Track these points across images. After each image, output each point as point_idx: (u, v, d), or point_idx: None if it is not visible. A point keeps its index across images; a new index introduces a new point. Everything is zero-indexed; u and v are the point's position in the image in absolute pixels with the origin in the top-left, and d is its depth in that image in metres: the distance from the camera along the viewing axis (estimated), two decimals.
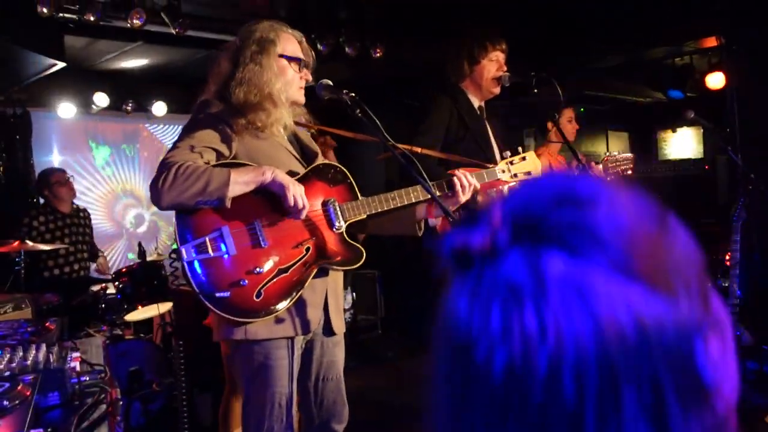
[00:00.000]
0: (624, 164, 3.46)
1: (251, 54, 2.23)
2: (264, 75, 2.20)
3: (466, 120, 3.18)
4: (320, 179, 2.28)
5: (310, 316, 2.21)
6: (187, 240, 2.07)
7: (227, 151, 2.17)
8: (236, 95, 2.19)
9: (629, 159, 3.49)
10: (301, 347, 2.27)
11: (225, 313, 2.07)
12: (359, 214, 2.28)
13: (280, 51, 2.26)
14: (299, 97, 2.33)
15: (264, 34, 2.26)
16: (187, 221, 2.09)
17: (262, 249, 2.12)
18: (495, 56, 3.23)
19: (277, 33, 2.28)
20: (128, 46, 5.01)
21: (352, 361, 5.86)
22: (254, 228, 2.13)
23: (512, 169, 2.57)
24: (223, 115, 2.19)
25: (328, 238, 2.23)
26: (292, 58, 2.29)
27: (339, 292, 2.37)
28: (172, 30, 4.24)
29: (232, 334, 2.13)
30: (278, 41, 2.26)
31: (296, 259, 2.16)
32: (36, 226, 5.08)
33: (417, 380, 1.00)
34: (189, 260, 2.06)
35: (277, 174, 2.10)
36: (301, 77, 2.32)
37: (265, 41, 2.25)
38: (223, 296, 2.05)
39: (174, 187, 2.02)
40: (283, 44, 2.27)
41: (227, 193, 2.03)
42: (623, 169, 3.46)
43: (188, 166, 2.04)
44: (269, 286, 2.11)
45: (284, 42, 2.28)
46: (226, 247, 2.08)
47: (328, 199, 2.25)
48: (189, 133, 2.17)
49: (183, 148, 2.11)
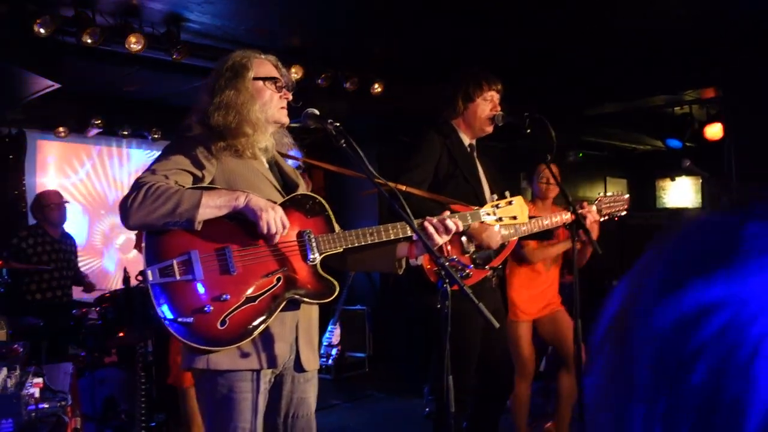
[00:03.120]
0: (618, 205, 3.39)
1: (225, 81, 2.23)
2: (240, 97, 2.19)
3: (456, 157, 3.15)
4: (298, 210, 2.23)
5: (277, 350, 2.13)
6: (152, 261, 2.02)
7: (203, 174, 2.13)
8: (215, 119, 2.17)
9: (623, 200, 3.41)
10: (269, 381, 2.19)
11: (186, 340, 2.00)
12: (335, 247, 2.22)
13: (254, 74, 2.26)
14: (281, 116, 2.30)
15: (236, 60, 2.28)
16: (155, 242, 2.04)
17: (230, 276, 2.06)
18: (490, 96, 3.22)
19: (249, 58, 2.29)
20: (127, 70, 5.02)
21: (335, 398, 5.84)
22: (224, 254, 2.07)
23: (498, 213, 2.52)
24: (202, 139, 2.17)
25: (300, 269, 2.17)
26: (266, 78, 2.28)
27: (312, 327, 2.30)
28: (170, 56, 4.25)
29: (194, 362, 2.06)
30: (251, 65, 2.27)
31: (266, 289, 2.10)
32: (24, 247, 5.04)
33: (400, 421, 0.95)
34: (153, 282, 2.00)
35: (251, 199, 2.06)
36: (281, 96, 2.30)
37: (237, 66, 2.25)
38: (186, 321, 1.99)
39: (142, 207, 1.97)
40: (256, 68, 2.28)
41: (197, 215, 1.98)
42: (617, 210, 3.39)
43: (159, 186, 2.00)
44: (235, 315, 2.04)
45: (257, 66, 2.29)
46: (193, 272, 2.02)
47: (304, 231, 2.20)
48: (166, 155, 2.14)
49: (157, 170, 2.08)
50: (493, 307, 3.26)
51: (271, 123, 2.28)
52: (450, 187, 3.11)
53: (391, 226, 2.27)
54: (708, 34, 4.92)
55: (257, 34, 4.59)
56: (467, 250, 3.03)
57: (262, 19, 4.35)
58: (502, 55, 5.32)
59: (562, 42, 5.14)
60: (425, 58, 5.34)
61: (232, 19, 4.22)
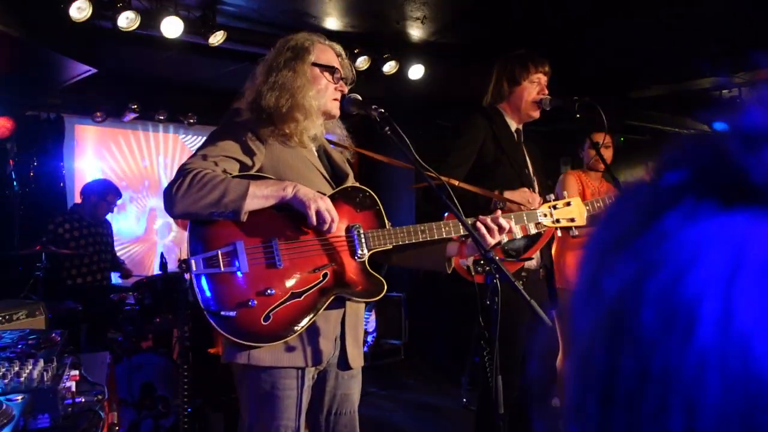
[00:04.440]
0: None
1: (285, 60, 2.15)
2: (297, 81, 2.11)
3: (501, 142, 3.02)
4: (347, 203, 2.14)
5: (321, 347, 2.06)
6: (197, 251, 1.95)
7: (251, 162, 2.06)
8: (267, 99, 2.10)
9: None
10: (312, 378, 2.12)
11: (228, 334, 1.93)
12: (384, 243, 2.13)
13: (314, 59, 2.18)
14: (333, 108, 2.21)
15: (299, 42, 2.20)
16: (201, 232, 1.98)
17: (276, 270, 1.99)
18: (537, 78, 3.08)
19: (313, 42, 2.21)
20: (163, 55, 4.97)
21: (371, 386, 5.79)
22: (271, 246, 1.99)
23: (555, 214, 2.40)
24: (251, 125, 2.09)
25: (348, 266, 2.09)
26: (326, 66, 2.19)
27: (358, 324, 2.22)
28: (206, 40, 4.18)
29: (235, 357, 2.00)
30: (313, 50, 2.19)
31: (312, 285, 2.02)
32: (61, 233, 5.07)
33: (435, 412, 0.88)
34: (197, 273, 1.94)
35: (299, 189, 1.98)
36: (336, 88, 2.21)
37: (299, 49, 2.18)
38: (229, 315, 1.92)
39: (188, 195, 1.90)
40: (317, 53, 2.19)
41: (243, 207, 1.91)
42: None
43: (205, 174, 1.93)
44: (279, 310, 1.97)
45: (319, 51, 2.20)
46: (239, 264, 1.95)
47: (353, 225, 2.11)
48: (213, 141, 2.07)
49: (204, 156, 2.01)
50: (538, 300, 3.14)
51: (321, 113, 2.19)
52: (498, 175, 2.99)
53: (444, 224, 2.17)
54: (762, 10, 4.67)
55: (293, 15, 4.49)
56: None
57: (299, 1, 4.25)
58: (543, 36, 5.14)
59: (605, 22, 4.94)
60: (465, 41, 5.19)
61: (268, 0, 4.12)
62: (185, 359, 4.20)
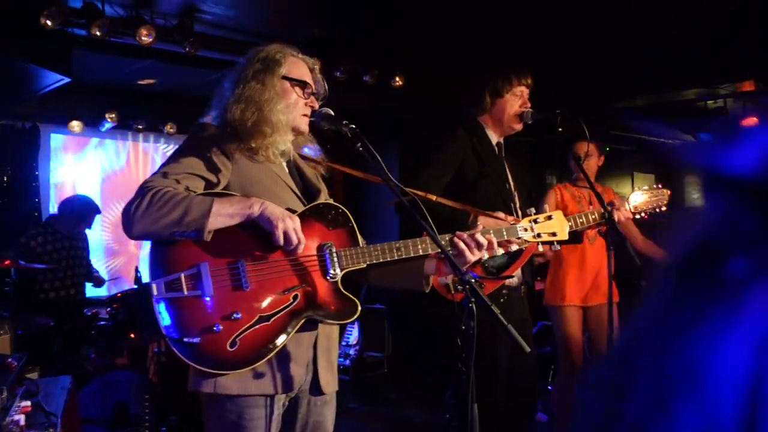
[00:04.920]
0: (657, 201, 3.13)
1: (254, 72, 2.06)
2: (265, 94, 2.02)
3: (482, 157, 2.95)
4: (319, 220, 2.04)
5: (293, 372, 1.96)
6: (159, 274, 1.85)
7: (217, 179, 1.96)
8: (232, 113, 2.01)
9: (664, 195, 3.13)
10: (283, 405, 2.01)
11: (192, 362, 1.83)
12: (358, 262, 2.04)
13: (285, 72, 2.09)
14: (302, 124, 2.12)
15: (270, 54, 2.11)
16: (162, 253, 1.87)
17: (243, 292, 1.89)
18: (519, 91, 3.03)
19: (285, 54, 2.12)
20: (140, 63, 4.87)
21: (353, 401, 5.68)
22: (237, 268, 1.89)
23: (536, 228, 2.32)
24: (216, 139, 1.99)
25: (320, 286, 1.99)
26: (297, 80, 2.10)
27: (332, 346, 2.12)
28: (183, 49, 4.08)
29: (200, 385, 1.89)
30: (284, 62, 2.10)
31: (281, 307, 1.92)
32: (33, 246, 4.93)
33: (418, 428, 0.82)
34: (158, 297, 1.83)
35: (266, 207, 1.88)
36: (307, 104, 2.12)
37: (270, 60, 2.09)
38: (192, 342, 1.82)
39: (147, 215, 1.80)
40: (288, 66, 2.10)
41: (206, 225, 1.81)
42: (656, 206, 3.13)
43: (166, 192, 1.83)
44: (247, 335, 1.86)
45: (290, 64, 2.11)
46: (203, 287, 1.85)
47: (325, 243, 2.01)
48: (176, 158, 1.97)
49: (165, 174, 1.90)
50: (520, 317, 3.07)
51: (290, 129, 2.10)
52: (478, 190, 2.92)
53: (420, 241, 2.08)
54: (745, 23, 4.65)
55: (273, 24, 4.41)
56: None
57: (278, 9, 4.16)
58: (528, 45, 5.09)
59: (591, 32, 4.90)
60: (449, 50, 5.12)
61: (245, 8, 4.03)
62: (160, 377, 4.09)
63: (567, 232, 2.39)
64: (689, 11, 4.46)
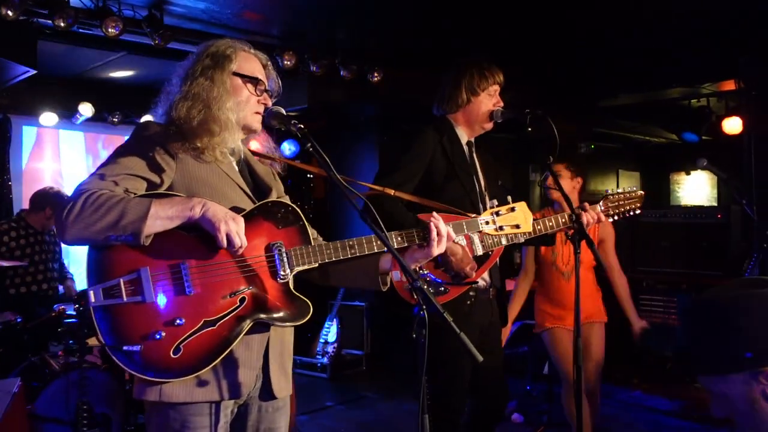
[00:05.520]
0: (629, 203, 3.03)
1: (202, 68, 1.98)
2: (213, 91, 1.95)
3: (451, 158, 2.88)
4: (267, 219, 1.97)
5: (241, 378, 1.89)
6: (96, 280, 1.77)
7: (159, 179, 1.88)
8: (178, 111, 1.94)
9: (636, 197, 3.01)
10: (232, 413, 1.95)
11: (133, 371, 1.76)
12: (309, 262, 1.97)
13: (235, 68, 2.01)
14: (254, 122, 2.05)
15: (220, 49, 2.03)
16: (100, 258, 1.79)
17: (186, 297, 1.81)
18: (494, 90, 2.97)
19: (235, 50, 2.04)
20: (112, 56, 4.78)
21: (330, 399, 5.62)
22: (179, 271, 1.82)
23: (498, 221, 2.26)
24: (159, 138, 1.91)
25: (269, 288, 1.92)
26: (248, 77, 2.02)
27: (285, 349, 2.05)
28: (152, 41, 3.99)
29: (145, 394, 1.82)
30: (235, 58, 2.02)
31: (227, 311, 1.85)
32: (6, 241, 4.84)
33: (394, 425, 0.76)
34: (96, 305, 1.76)
35: (208, 208, 1.80)
36: (260, 101, 2.05)
37: (219, 56, 2.01)
38: (132, 350, 1.74)
39: (80, 219, 1.72)
40: (239, 62, 2.02)
41: (143, 229, 1.73)
42: (629, 208, 3.04)
43: (101, 195, 1.75)
44: (191, 341, 1.79)
45: (242, 60, 2.03)
46: (143, 292, 1.78)
47: (274, 243, 1.94)
48: (115, 158, 1.88)
49: (101, 176, 1.82)
50: (487, 320, 3.01)
51: (241, 127, 2.03)
52: (447, 191, 2.85)
53: (374, 238, 2.01)
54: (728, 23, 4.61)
55: (247, 18, 4.32)
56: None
57: (252, 3, 4.07)
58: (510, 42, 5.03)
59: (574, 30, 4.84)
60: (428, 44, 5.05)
61: (215, 2, 3.94)
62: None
63: (531, 223, 2.33)
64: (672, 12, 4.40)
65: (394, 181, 2.72)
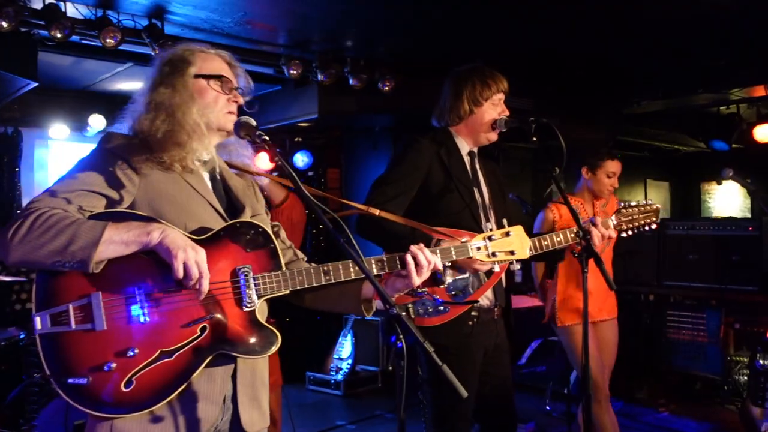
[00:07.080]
0: (644, 217, 2.81)
1: (161, 76, 1.87)
2: (176, 97, 1.83)
3: (450, 169, 2.72)
4: (234, 241, 1.81)
5: (201, 413, 1.74)
6: (44, 306, 1.64)
7: (119, 196, 1.74)
8: (140, 124, 1.82)
9: (651, 211, 2.80)
10: None
11: (80, 405, 1.62)
12: (279, 288, 1.81)
13: (196, 71, 1.88)
14: (227, 123, 1.91)
15: (177, 54, 1.91)
16: (49, 281, 1.65)
17: (141, 325, 1.67)
18: (498, 99, 2.80)
19: (193, 52, 1.92)
20: (119, 67, 4.72)
21: (342, 418, 5.45)
22: (135, 297, 1.68)
23: (491, 246, 2.09)
24: (121, 151, 1.78)
25: (232, 317, 1.76)
26: (212, 76, 1.89)
27: (257, 379, 1.89)
28: (152, 51, 3.90)
29: (94, 430, 1.68)
30: (194, 60, 1.89)
31: (186, 342, 1.70)
32: None
33: None
34: (42, 332, 1.63)
35: (167, 235, 1.65)
36: (230, 100, 1.91)
37: (177, 61, 1.89)
38: (78, 383, 1.60)
39: (26, 242, 1.59)
40: (200, 63, 1.90)
41: (93, 256, 1.59)
42: (644, 222, 2.82)
43: (51, 215, 1.62)
44: (144, 374, 1.65)
45: (202, 61, 1.90)
46: (93, 320, 1.64)
47: (241, 268, 1.78)
48: (73, 173, 1.76)
49: (53, 192, 1.69)
50: (492, 342, 2.82)
51: (213, 130, 1.89)
52: (446, 203, 2.69)
53: (351, 264, 1.86)
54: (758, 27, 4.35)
55: (252, 27, 4.21)
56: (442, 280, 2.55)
57: (255, 11, 3.96)
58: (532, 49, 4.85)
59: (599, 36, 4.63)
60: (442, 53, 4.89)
61: (216, 11, 3.83)
62: None
63: (527, 250, 2.15)
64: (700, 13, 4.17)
65: (386, 195, 2.57)
